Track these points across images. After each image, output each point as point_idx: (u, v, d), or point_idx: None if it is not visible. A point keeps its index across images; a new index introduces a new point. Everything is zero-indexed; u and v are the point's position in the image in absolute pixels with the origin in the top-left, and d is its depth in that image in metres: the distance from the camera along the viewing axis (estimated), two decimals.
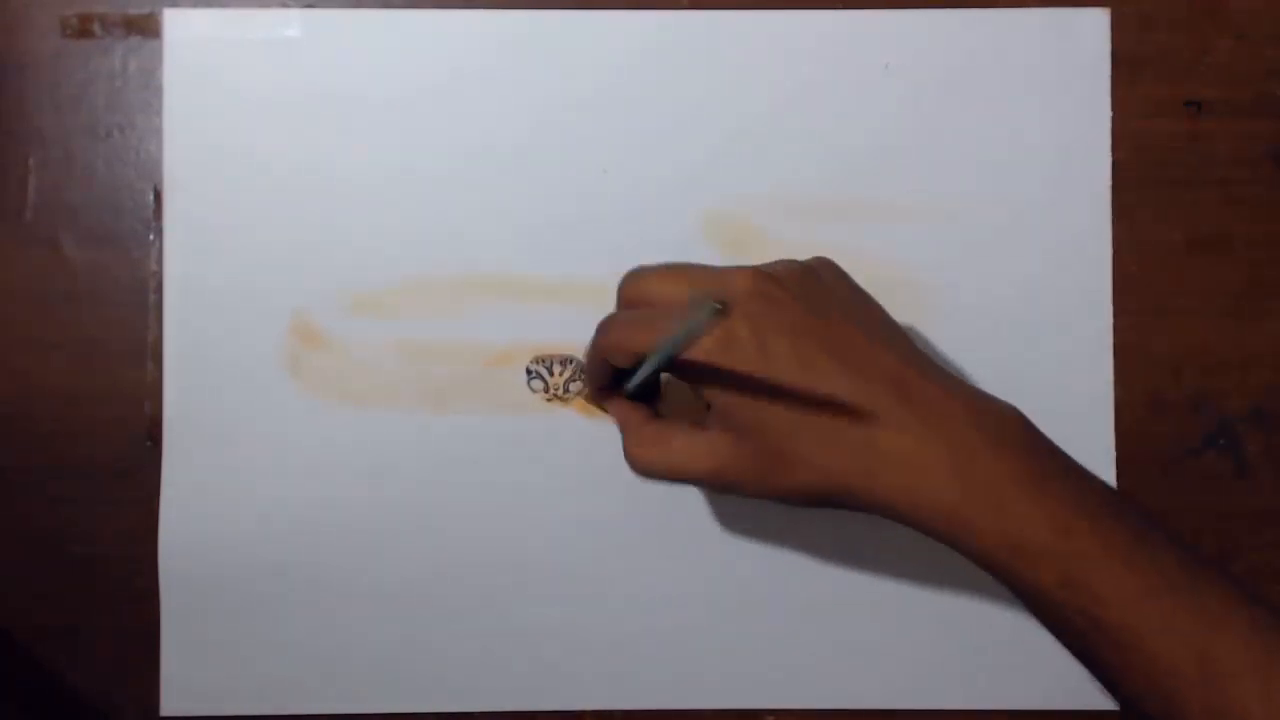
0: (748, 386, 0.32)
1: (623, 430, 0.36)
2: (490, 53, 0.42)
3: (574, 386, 0.42)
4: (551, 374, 0.42)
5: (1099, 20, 0.42)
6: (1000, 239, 0.42)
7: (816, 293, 0.33)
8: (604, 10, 0.42)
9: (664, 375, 0.37)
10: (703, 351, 0.32)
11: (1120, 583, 0.30)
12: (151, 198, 0.42)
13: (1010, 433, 0.32)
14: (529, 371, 0.42)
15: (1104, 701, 0.41)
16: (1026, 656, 0.42)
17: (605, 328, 0.35)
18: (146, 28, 0.42)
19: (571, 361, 0.42)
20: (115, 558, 0.42)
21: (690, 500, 0.42)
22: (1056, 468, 0.32)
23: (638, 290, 0.35)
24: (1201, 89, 0.42)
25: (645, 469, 0.35)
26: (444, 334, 0.42)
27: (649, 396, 0.38)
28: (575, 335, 0.42)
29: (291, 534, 0.41)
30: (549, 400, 0.42)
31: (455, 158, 0.42)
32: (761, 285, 0.33)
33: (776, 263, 0.35)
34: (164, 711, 0.41)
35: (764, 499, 0.33)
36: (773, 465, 0.32)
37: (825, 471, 0.32)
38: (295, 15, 0.42)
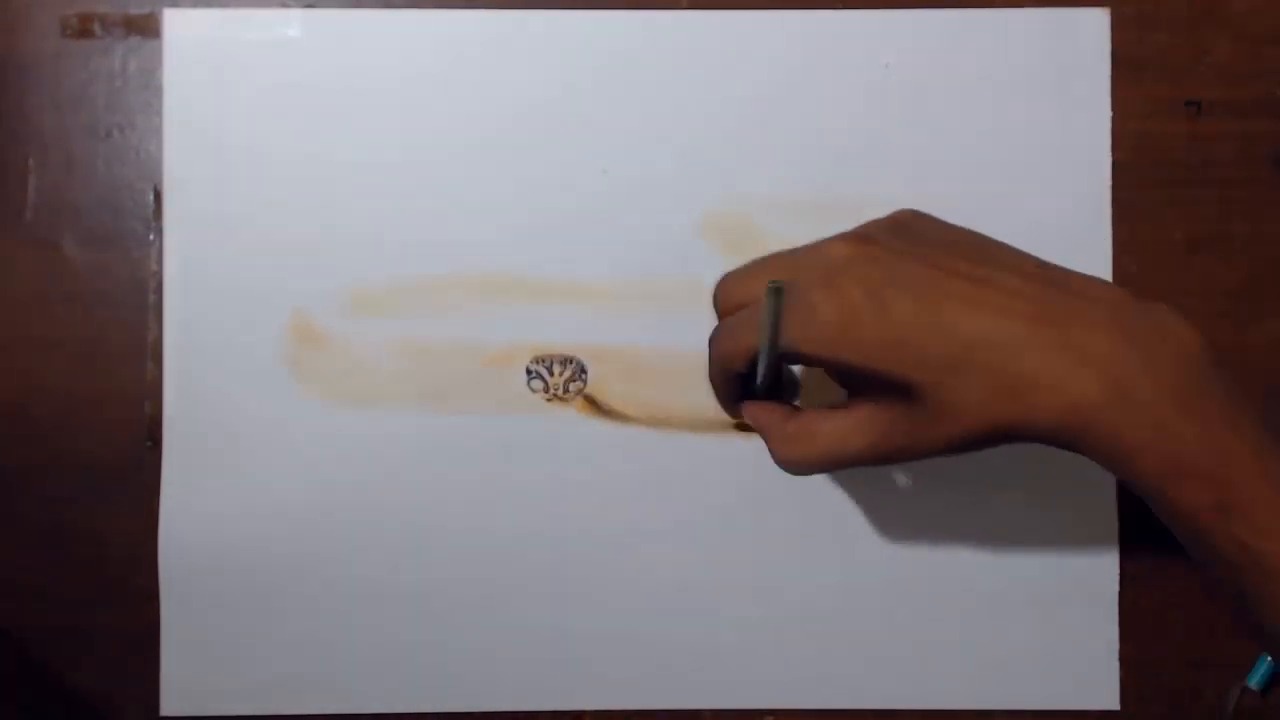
0: (881, 353, 0.31)
1: (764, 433, 0.35)
2: (490, 53, 0.42)
3: (574, 386, 0.42)
4: (551, 374, 0.42)
5: (1099, 20, 0.42)
6: (1000, 239, 0.42)
7: (917, 241, 0.32)
8: (604, 10, 0.42)
9: (798, 370, 0.36)
10: (822, 333, 0.31)
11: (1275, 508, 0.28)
12: (151, 198, 0.42)
13: (1167, 343, 0.30)
14: (529, 371, 0.42)
15: (1104, 701, 0.41)
16: (1026, 656, 0.42)
17: (714, 339, 0.35)
18: (146, 28, 0.42)
19: (571, 361, 0.42)
20: (115, 558, 0.42)
21: (690, 500, 0.42)
22: (1215, 383, 0.30)
23: (728, 294, 0.34)
24: (1201, 89, 0.42)
25: (797, 465, 0.34)
26: (444, 334, 0.42)
27: (786, 391, 0.37)
28: (575, 335, 0.42)
29: (291, 534, 0.41)
30: (549, 400, 0.42)
31: (455, 158, 0.42)
32: (862, 249, 0.32)
33: (863, 225, 0.34)
34: (164, 711, 0.41)
35: (927, 457, 0.32)
36: (928, 423, 0.31)
37: (983, 414, 0.30)
38: (295, 15, 0.42)
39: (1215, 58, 0.42)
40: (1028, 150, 0.42)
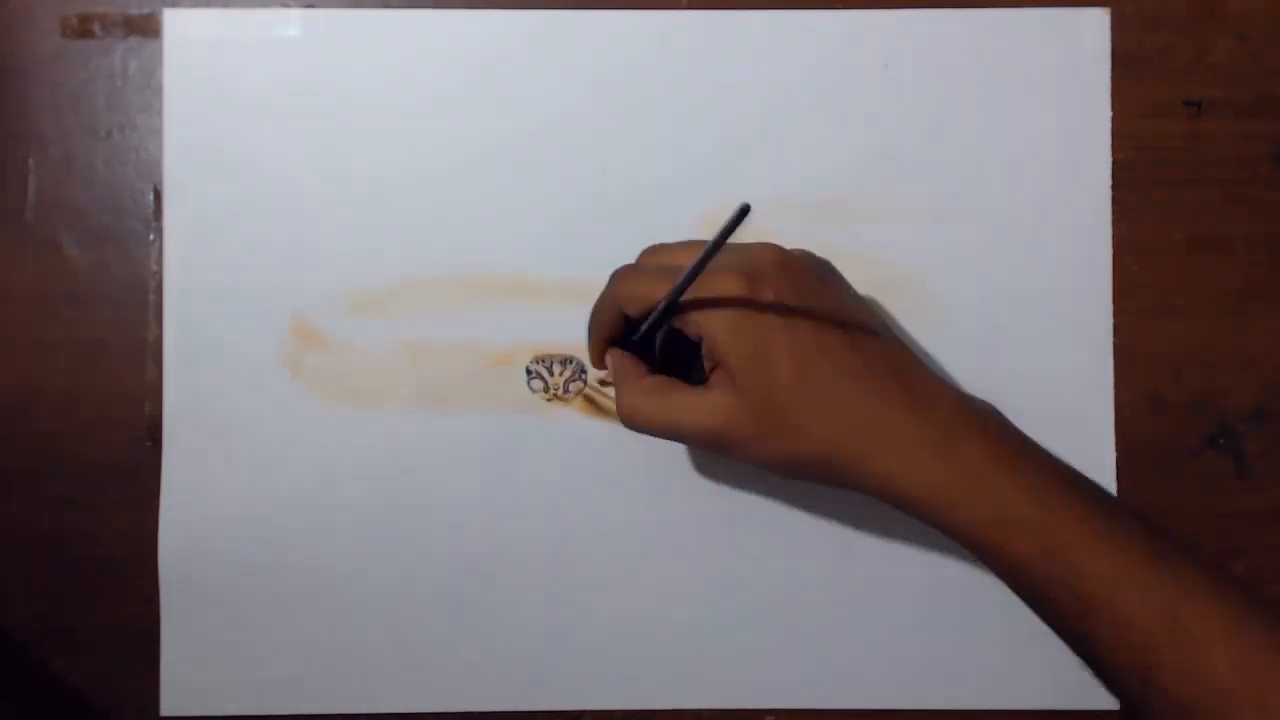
0: (759, 342, 0.33)
1: (620, 382, 0.37)
2: (490, 53, 0.42)
3: (574, 386, 0.42)
4: (551, 374, 0.42)
5: (1099, 20, 0.42)
6: (1000, 239, 0.42)
7: (829, 279, 0.36)
8: (604, 10, 0.42)
9: (661, 338, 0.37)
10: (726, 287, 0.33)
11: (1095, 553, 0.31)
12: (151, 198, 0.42)
13: (990, 420, 0.34)
14: (529, 371, 0.42)
15: (1104, 701, 0.41)
16: (1026, 656, 0.41)
17: (623, 277, 0.36)
18: (146, 28, 0.42)
19: (571, 361, 0.42)
20: (115, 558, 0.42)
21: (690, 501, 0.42)
22: (1031, 452, 0.34)
23: (650, 257, 0.37)
24: (1201, 89, 0.42)
25: (643, 421, 0.35)
26: (444, 334, 0.42)
27: (648, 360, 0.38)
28: (575, 335, 0.42)
29: (292, 534, 0.41)
30: (549, 400, 0.42)
31: (455, 158, 0.42)
32: (786, 259, 0.35)
33: (794, 249, 0.36)
34: (164, 711, 0.41)
35: (756, 464, 0.34)
36: (773, 428, 0.33)
37: (824, 441, 0.33)
38: (295, 15, 0.42)
39: (1215, 58, 0.42)
40: (1028, 150, 0.42)
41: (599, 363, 0.39)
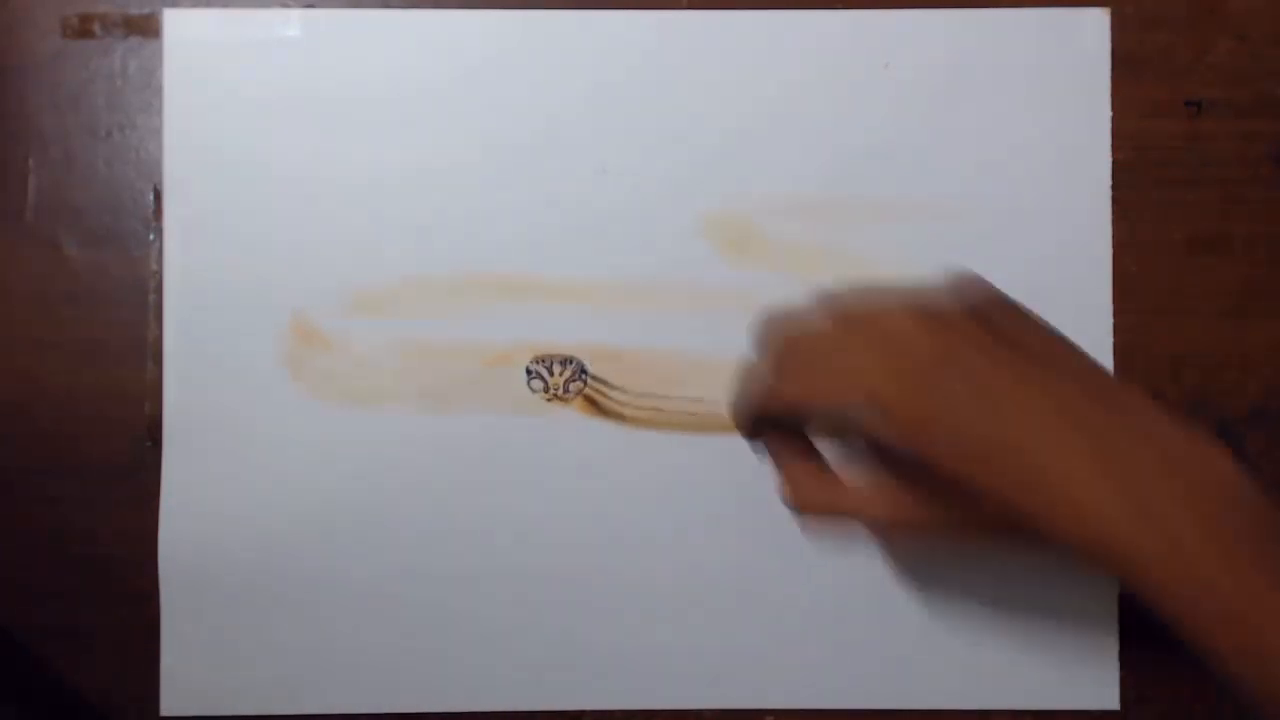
0: (937, 449, 0.31)
1: (781, 468, 0.37)
2: (490, 53, 0.42)
3: (574, 386, 0.42)
4: (551, 374, 0.42)
5: (1099, 20, 0.42)
6: (1000, 239, 0.42)
7: (985, 326, 0.32)
8: (603, 10, 0.42)
9: None
10: (873, 430, 0.32)
11: None
12: (151, 198, 0.42)
13: (1210, 483, 0.30)
14: (529, 371, 0.42)
15: (1104, 701, 0.41)
16: (1026, 656, 0.42)
17: (753, 384, 0.36)
18: (146, 28, 0.42)
19: (571, 361, 0.42)
20: (115, 558, 0.42)
21: (690, 500, 0.42)
22: (1252, 524, 0.29)
23: (773, 338, 0.35)
24: (1201, 89, 0.42)
25: (815, 516, 0.36)
26: (444, 334, 0.42)
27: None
28: (575, 335, 0.42)
29: (292, 534, 0.41)
30: (549, 400, 0.42)
31: (455, 158, 0.42)
32: (929, 335, 0.32)
33: (931, 297, 0.33)
34: (164, 711, 0.41)
35: (941, 538, 0.33)
36: (951, 506, 0.32)
37: (1005, 511, 0.30)
38: (295, 15, 0.42)
39: (1215, 58, 0.42)
40: (1028, 150, 0.42)
41: (745, 434, 0.39)
